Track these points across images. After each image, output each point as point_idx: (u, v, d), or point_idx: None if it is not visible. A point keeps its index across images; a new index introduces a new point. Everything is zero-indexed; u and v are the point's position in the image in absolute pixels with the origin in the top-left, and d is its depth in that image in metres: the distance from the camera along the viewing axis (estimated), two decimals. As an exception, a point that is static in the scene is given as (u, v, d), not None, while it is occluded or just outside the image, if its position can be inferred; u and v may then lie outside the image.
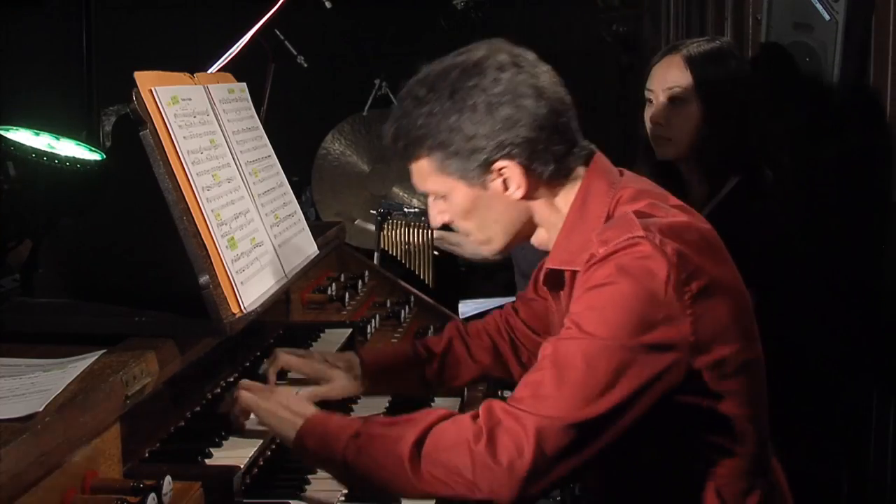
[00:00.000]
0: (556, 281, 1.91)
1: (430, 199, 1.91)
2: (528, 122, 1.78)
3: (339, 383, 2.19)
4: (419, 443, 1.69)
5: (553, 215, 1.87)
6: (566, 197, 1.86)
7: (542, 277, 1.97)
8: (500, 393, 3.07)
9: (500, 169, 1.80)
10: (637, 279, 1.67)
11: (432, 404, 2.45)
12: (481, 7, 4.95)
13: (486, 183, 1.82)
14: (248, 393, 1.92)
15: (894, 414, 2.81)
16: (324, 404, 2.05)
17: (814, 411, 3.12)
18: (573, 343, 1.67)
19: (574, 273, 1.83)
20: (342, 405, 2.26)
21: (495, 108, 1.77)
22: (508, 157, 1.79)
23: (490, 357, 2.26)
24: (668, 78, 2.64)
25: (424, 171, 1.86)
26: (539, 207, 1.87)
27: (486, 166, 1.80)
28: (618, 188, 1.85)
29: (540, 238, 1.92)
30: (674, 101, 2.63)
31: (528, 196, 1.84)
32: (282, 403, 1.88)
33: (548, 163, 1.82)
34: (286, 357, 2.19)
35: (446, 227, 2.14)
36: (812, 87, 2.92)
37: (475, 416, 1.71)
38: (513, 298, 3.87)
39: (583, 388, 1.64)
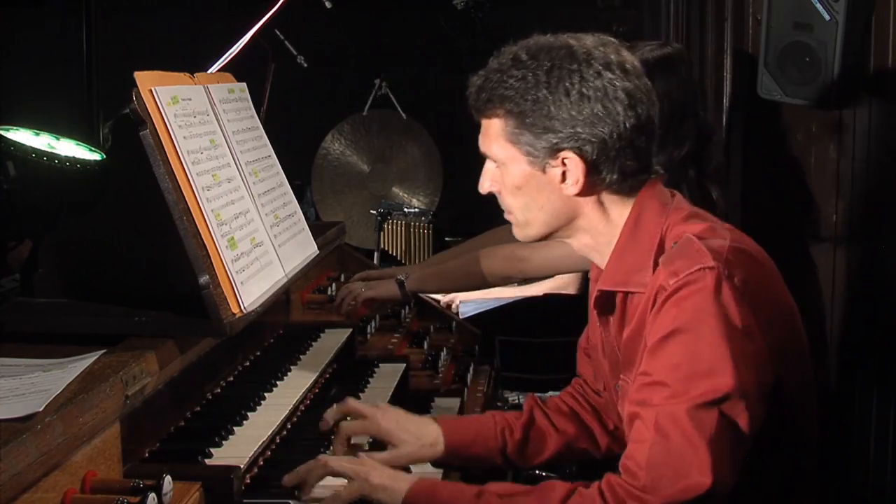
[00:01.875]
0: (607, 304, 1.89)
1: (486, 164, 1.89)
2: (610, 127, 1.76)
3: (407, 450, 2.01)
4: None
5: (601, 224, 1.85)
6: (621, 212, 1.85)
7: (591, 300, 1.94)
8: (503, 394, 3.07)
9: (564, 159, 1.78)
10: (715, 321, 1.66)
11: (432, 403, 2.45)
12: (481, 7, 4.96)
13: (546, 167, 1.80)
14: (339, 465, 1.84)
15: (894, 414, 2.81)
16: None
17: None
18: (673, 407, 1.65)
19: (626, 295, 1.83)
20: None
21: (585, 100, 1.75)
22: (577, 150, 1.77)
23: (573, 426, 2.14)
24: None
25: (494, 132, 1.83)
26: (589, 212, 1.84)
27: (553, 151, 1.78)
28: (670, 209, 1.84)
29: (582, 243, 1.89)
30: None
31: (581, 196, 1.82)
32: (383, 475, 1.82)
33: (612, 172, 1.79)
34: (351, 424, 2.03)
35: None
36: (812, 86, 2.92)
37: (600, 492, 1.68)
38: (512, 298, 3.89)
39: (696, 455, 1.63)
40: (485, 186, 1.89)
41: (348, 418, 2.05)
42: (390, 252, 5.47)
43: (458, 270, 2.97)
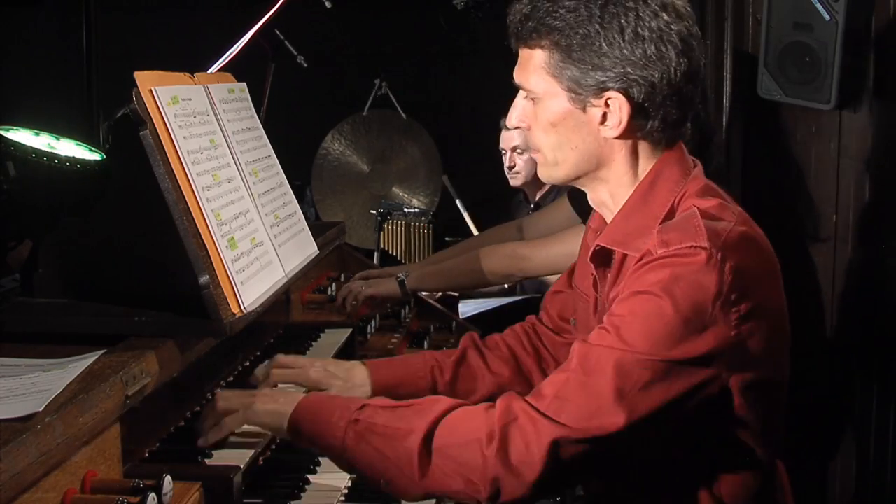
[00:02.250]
0: (605, 259, 1.84)
1: (519, 97, 1.82)
2: (661, 71, 1.70)
3: (334, 394, 2.02)
4: (429, 437, 1.63)
5: (626, 176, 1.79)
6: (644, 166, 1.79)
7: (589, 254, 1.88)
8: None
9: (609, 99, 1.72)
10: (686, 293, 1.61)
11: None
12: (481, 7, 4.95)
13: (587, 106, 1.74)
14: (226, 402, 1.84)
15: (894, 414, 2.81)
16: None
17: (814, 411, 3.12)
18: (607, 351, 1.61)
19: (624, 256, 1.77)
20: None
21: (639, 40, 1.68)
22: (624, 91, 1.71)
23: (509, 370, 2.12)
24: None
25: (535, 64, 1.76)
26: (619, 160, 1.78)
27: (599, 90, 1.71)
28: (688, 180, 1.79)
29: (599, 197, 1.85)
30: None
31: (619, 139, 1.76)
32: (267, 400, 1.82)
33: (655, 119, 1.73)
34: (281, 372, 2.07)
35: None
36: (812, 86, 2.92)
37: (489, 409, 1.65)
38: (513, 298, 3.89)
39: (607, 400, 1.58)
40: (513, 120, 1.83)
41: None
42: (390, 252, 5.47)
43: (458, 269, 2.98)
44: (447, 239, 5.23)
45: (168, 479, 1.56)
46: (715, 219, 1.69)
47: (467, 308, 3.80)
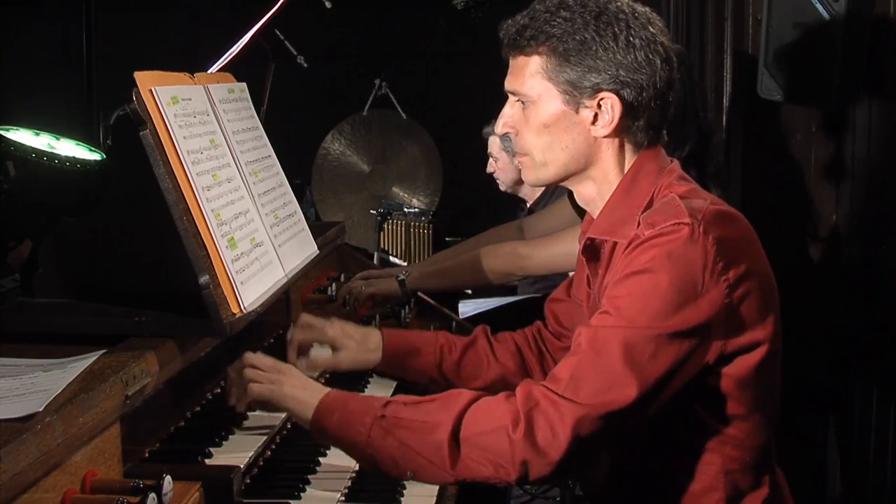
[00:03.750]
0: (595, 252, 1.97)
1: (509, 104, 1.94)
2: (649, 76, 1.84)
3: (348, 354, 2.23)
4: (456, 428, 1.73)
5: (612, 173, 1.91)
6: (628, 164, 1.91)
7: (580, 248, 2.02)
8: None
9: (601, 100, 1.85)
10: (677, 266, 1.73)
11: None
12: (481, 7, 4.96)
13: (581, 107, 1.86)
14: (259, 384, 1.93)
15: (894, 414, 2.81)
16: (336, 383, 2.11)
17: (813, 411, 3.12)
18: (612, 330, 1.73)
19: (613, 245, 1.89)
20: (355, 384, 2.31)
21: (631, 47, 1.82)
22: (617, 92, 1.84)
23: (514, 363, 2.26)
24: None
25: (531, 69, 1.88)
26: (606, 158, 1.90)
27: (594, 91, 1.84)
28: (665, 173, 1.91)
29: (587, 193, 1.96)
30: None
31: (608, 138, 1.88)
32: (295, 385, 1.91)
33: (641, 119, 1.87)
34: (303, 336, 2.27)
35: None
36: (812, 86, 2.92)
37: (509, 397, 1.75)
38: (513, 298, 3.89)
39: (619, 375, 1.70)
40: (500, 126, 1.96)
41: None
42: (390, 252, 5.46)
43: (458, 268, 2.99)
44: (447, 239, 5.24)
45: (168, 479, 1.56)
46: (690, 199, 1.83)
47: (467, 308, 3.80)
